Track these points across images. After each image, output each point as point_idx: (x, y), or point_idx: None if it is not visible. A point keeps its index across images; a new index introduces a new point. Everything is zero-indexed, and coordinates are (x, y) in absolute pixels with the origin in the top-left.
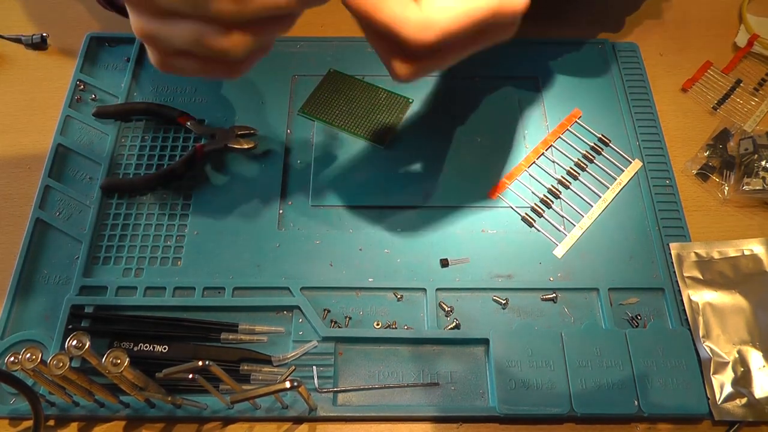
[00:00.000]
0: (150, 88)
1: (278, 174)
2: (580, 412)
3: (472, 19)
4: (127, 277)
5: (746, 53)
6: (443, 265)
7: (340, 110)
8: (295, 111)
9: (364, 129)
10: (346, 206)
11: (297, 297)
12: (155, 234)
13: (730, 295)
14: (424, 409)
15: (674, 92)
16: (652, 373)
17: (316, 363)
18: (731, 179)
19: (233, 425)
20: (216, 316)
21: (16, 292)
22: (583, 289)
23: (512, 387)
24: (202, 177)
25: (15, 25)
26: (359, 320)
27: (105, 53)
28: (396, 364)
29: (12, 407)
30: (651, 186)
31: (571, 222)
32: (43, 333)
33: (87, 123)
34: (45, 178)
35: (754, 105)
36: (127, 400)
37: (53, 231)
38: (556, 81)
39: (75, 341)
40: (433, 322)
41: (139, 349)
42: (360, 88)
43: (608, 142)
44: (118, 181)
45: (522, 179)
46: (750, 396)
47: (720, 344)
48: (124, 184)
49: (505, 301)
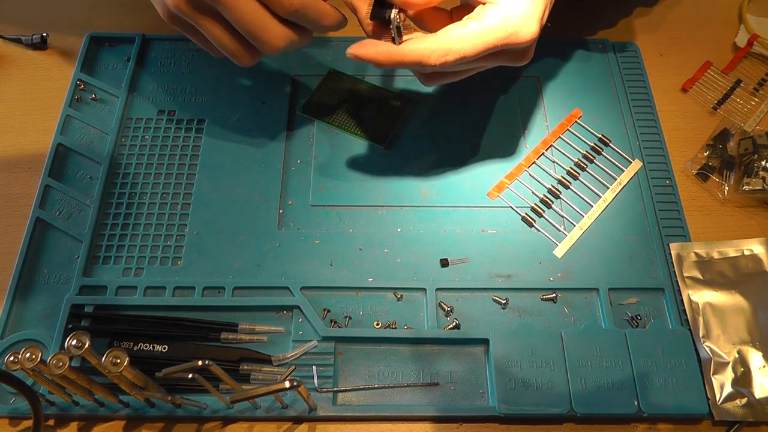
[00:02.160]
0: (150, 87)
1: (278, 174)
2: (580, 412)
3: (485, 45)
4: (127, 276)
5: (746, 53)
6: (443, 265)
7: (340, 110)
8: (295, 111)
9: (364, 129)
10: (346, 206)
11: (297, 297)
12: (155, 234)
13: (730, 295)
14: (424, 409)
15: (674, 92)
16: (652, 373)
17: (315, 363)
18: (731, 179)
19: (233, 425)
20: (216, 316)
21: (16, 291)
22: (583, 289)
23: (512, 387)
24: (203, 176)
25: (15, 25)
26: (359, 320)
27: (105, 53)
28: (396, 364)
29: (12, 407)
30: (651, 186)
31: (571, 222)
32: (43, 332)
33: (87, 123)
34: (45, 177)
35: (754, 105)
36: (127, 400)
37: (53, 231)
38: (556, 81)
39: (75, 341)
40: (433, 322)
41: (138, 348)
42: (360, 88)
43: (608, 142)
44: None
45: (522, 179)
46: (750, 396)
47: (720, 344)
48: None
49: (505, 301)
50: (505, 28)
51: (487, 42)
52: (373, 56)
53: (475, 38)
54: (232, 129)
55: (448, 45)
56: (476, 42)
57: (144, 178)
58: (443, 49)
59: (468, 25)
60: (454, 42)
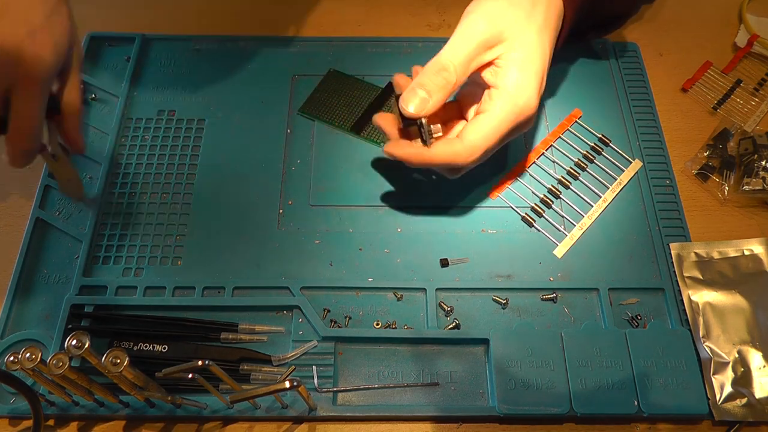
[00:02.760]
0: (150, 87)
1: (278, 174)
2: (580, 412)
3: (501, 134)
4: (127, 276)
5: (746, 53)
6: (443, 265)
7: (340, 110)
8: (295, 111)
9: (364, 129)
10: (346, 206)
11: (297, 297)
12: (155, 234)
13: (730, 295)
14: (424, 408)
15: (674, 92)
16: (652, 373)
17: (315, 363)
18: (731, 179)
19: (233, 425)
20: (216, 316)
21: (16, 291)
22: (583, 289)
23: (512, 387)
24: (203, 176)
25: None
26: (359, 320)
27: (105, 53)
28: (396, 364)
29: (12, 407)
30: (651, 186)
31: (571, 222)
32: (43, 332)
33: (87, 123)
34: (45, 177)
35: (754, 105)
36: (127, 400)
37: (53, 231)
38: (556, 81)
39: (75, 341)
40: (433, 322)
41: (138, 348)
42: (360, 88)
43: (608, 142)
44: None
45: (522, 179)
46: (750, 396)
47: (720, 344)
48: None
49: (505, 301)
50: (513, 111)
51: (501, 130)
52: (407, 157)
53: (492, 131)
54: (232, 129)
55: (471, 146)
56: (493, 134)
57: (144, 178)
58: (468, 151)
59: (482, 121)
60: (476, 142)
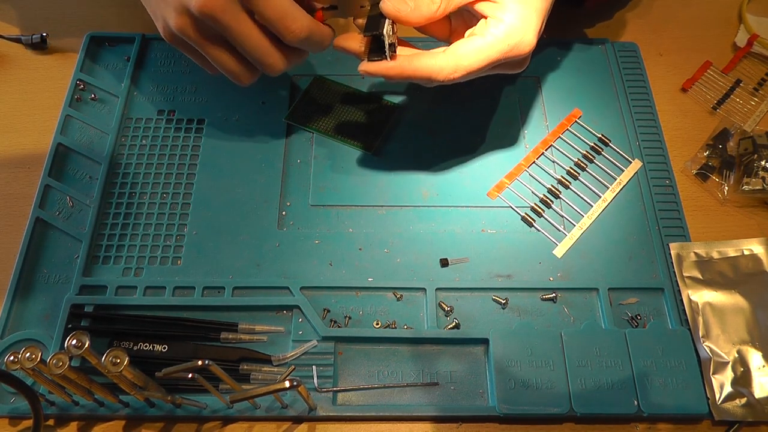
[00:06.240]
0: (150, 87)
1: (278, 174)
2: (580, 412)
3: (490, 60)
4: (127, 276)
5: (746, 53)
6: (443, 265)
7: (327, 117)
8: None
9: (351, 135)
10: (346, 206)
11: (297, 296)
12: (155, 234)
13: (729, 295)
14: (424, 408)
15: (674, 92)
16: (652, 373)
17: (315, 362)
18: (731, 179)
19: (233, 425)
20: (216, 316)
21: (16, 291)
22: (583, 289)
23: (512, 387)
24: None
25: (15, 25)
26: (359, 320)
27: (105, 53)
28: (396, 363)
29: (12, 407)
30: (651, 186)
31: (571, 222)
32: (43, 332)
33: (87, 123)
34: (45, 177)
35: (753, 105)
36: (127, 400)
37: (53, 230)
38: (556, 81)
39: (75, 340)
40: (432, 322)
41: (138, 348)
42: (345, 94)
43: (608, 142)
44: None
45: (522, 179)
46: (750, 396)
47: (720, 344)
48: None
49: (505, 301)
50: (507, 42)
51: (490, 57)
52: (384, 71)
53: (481, 54)
54: (232, 129)
55: (456, 62)
56: (481, 57)
57: (144, 178)
58: (452, 66)
59: (473, 41)
60: (462, 59)
